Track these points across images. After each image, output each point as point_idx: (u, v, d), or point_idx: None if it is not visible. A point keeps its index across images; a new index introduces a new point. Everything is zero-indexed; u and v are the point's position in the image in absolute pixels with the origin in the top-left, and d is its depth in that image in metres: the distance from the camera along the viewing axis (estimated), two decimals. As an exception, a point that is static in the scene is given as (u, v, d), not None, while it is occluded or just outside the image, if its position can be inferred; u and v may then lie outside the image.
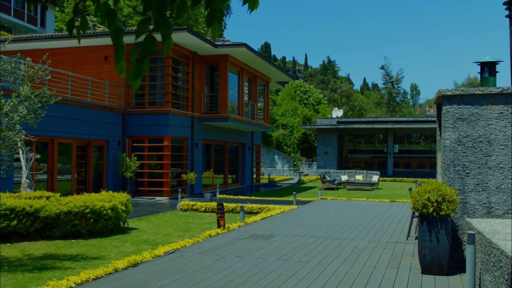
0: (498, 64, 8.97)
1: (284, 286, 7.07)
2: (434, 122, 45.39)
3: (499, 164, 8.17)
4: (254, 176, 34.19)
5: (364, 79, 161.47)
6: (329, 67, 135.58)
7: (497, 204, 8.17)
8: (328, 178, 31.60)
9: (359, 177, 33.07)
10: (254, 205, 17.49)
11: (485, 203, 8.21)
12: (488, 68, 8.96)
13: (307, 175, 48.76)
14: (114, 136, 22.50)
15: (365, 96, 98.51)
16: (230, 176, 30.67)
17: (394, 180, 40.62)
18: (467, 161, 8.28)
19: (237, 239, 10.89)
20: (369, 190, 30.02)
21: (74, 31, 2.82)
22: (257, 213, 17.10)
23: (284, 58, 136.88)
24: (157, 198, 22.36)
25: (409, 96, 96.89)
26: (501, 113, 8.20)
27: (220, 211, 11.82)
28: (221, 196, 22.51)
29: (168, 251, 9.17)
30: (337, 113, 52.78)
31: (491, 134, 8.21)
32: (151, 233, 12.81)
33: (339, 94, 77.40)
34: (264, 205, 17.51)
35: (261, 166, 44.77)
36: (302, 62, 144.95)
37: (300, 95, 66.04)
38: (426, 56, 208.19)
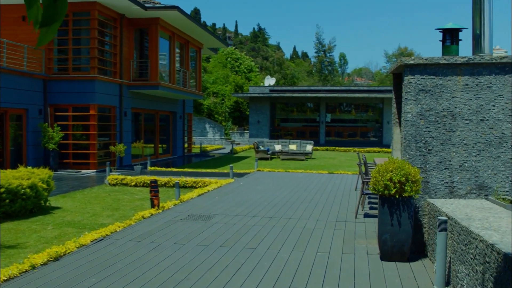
0: (461, 31, 8.25)
1: (233, 282, 6.15)
2: (366, 91, 45.56)
3: (463, 140, 7.51)
4: (186, 145, 32.99)
5: (294, 48, 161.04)
6: (259, 35, 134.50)
7: (460, 184, 7.53)
8: (261, 148, 30.88)
9: (292, 147, 32.58)
10: (188, 179, 16.45)
11: (447, 182, 7.56)
12: (451, 36, 8.23)
13: (239, 144, 48.02)
14: (34, 104, 20.67)
15: (296, 65, 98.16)
16: (161, 146, 29.35)
17: (327, 149, 40.53)
18: (430, 137, 7.57)
19: (174, 220, 9.85)
20: (303, 160, 29.59)
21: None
22: (192, 187, 16.08)
23: (214, 25, 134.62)
24: (83, 171, 20.87)
25: (337, 65, 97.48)
26: (467, 85, 7.50)
27: (154, 190, 10.72)
28: (152, 168, 21.29)
29: (96, 239, 8.01)
30: (270, 81, 52.07)
31: (456, 107, 7.52)
32: (77, 213, 11.57)
33: (271, 62, 76.63)
34: (199, 179, 16.51)
35: (193, 136, 43.57)
36: (232, 29, 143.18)
37: (232, 62, 64.74)
38: (356, 25, 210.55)
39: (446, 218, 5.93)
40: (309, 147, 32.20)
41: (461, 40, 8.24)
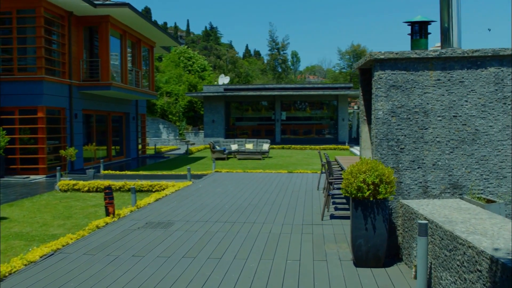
0: (430, 24, 7.94)
1: (200, 298, 5.62)
2: (321, 89, 45.54)
3: (436, 137, 7.19)
4: (140, 147, 32.11)
5: (247, 46, 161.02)
6: (211, 34, 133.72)
7: (434, 183, 7.21)
8: (218, 147, 30.33)
9: (249, 146, 32.17)
10: (144, 182, 15.77)
11: (421, 182, 7.22)
12: (419, 29, 7.90)
13: (193, 144, 47.29)
14: (-23, 107, 19.54)
15: (249, 63, 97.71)
16: (114, 148, 28.41)
17: (283, 148, 40.26)
18: (402, 135, 7.22)
19: (131, 229, 9.22)
20: (260, 159, 29.21)
21: None
22: (148, 191, 15.42)
23: (165, 24, 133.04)
24: (32, 177, 19.85)
25: (289, 63, 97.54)
26: (438, 80, 7.18)
27: (109, 197, 10.04)
28: (106, 172, 20.44)
29: (45, 254, 7.32)
30: (224, 80, 51.51)
31: (428, 103, 7.19)
32: (25, 223, 10.79)
33: (224, 61, 75.95)
34: (156, 182, 15.85)
35: (147, 137, 42.59)
36: (184, 28, 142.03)
37: (184, 61, 63.79)
38: (310, 23, 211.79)
39: (426, 221, 5.56)
40: (265, 146, 31.85)
41: (430, 33, 7.93)
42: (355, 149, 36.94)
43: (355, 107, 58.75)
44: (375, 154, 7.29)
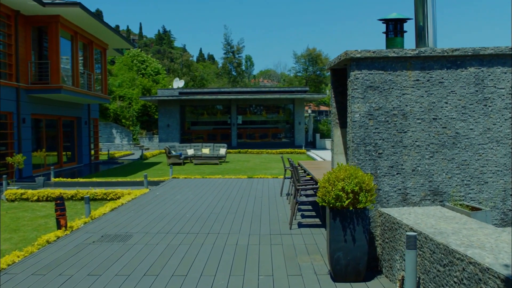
0: (406, 22, 7.53)
1: (167, 324, 5.00)
2: (277, 92, 45.21)
3: (415, 141, 6.77)
4: (93, 152, 30.98)
5: (201, 50, 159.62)
6: (164, 37, 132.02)
7: (414, 190, 6.79)
8: (174, 152, 29.54)
9: (206, 151, 31.51)
10: (98, 190, 14.93)
11: (400, 189, 6.79)
12: (394, 27, 7.49)
13: (148, 149, 46.22)
14: None
15: (204, 67, 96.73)
16: (65, 154, 27.24)
17: (239, 152, 39.74)
18: (380, 139, 6.77)
19: (85, 243, 8.48)
20: (217, 164, 28.59)
21: None
22: (102, 199, 14.60)
23: (117, 27, 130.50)
24: (-24, 185, 18.65)
25: (243, 67, 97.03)
26: (417, 80, 6.77)
27: (60, 208, 9.25)
28: (57, 179, 19.42)
29: (-12, 275, 6.55)
30: (178, 83, 50.62)
31: (406, 105, 6.77)
32: (-33, 238, 9.88)
33: (179, 64, 74.86)
34: (110, 190, 15.04)
35: (100, 142, 41.33)
36: (136, 31, 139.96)
37: (138, 64, 62.42)
38: (264, 28, 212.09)
39: (415, 233, 5.10)
40: (222, 151, 31.30)
41: (406, 31, 7.53)
42: (312, 153, 36.76)
43: (309, 111, 58.75)
44: (352, 160, 6.82)
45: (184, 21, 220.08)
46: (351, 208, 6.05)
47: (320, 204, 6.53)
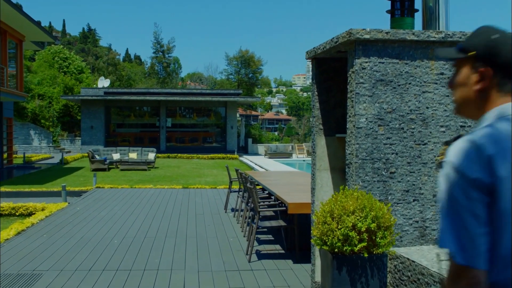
0: (417, -3, 5.77)
1: None
2: (209, 95, 43.14)
3: (438, 157, 4.98)
4: (6, 156, 27.78)
5: (127, 50, 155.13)
6: (89, 36, 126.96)
7: (435, 222, 4.99)
8: (98, 157, 26.91)
9: (133, 155, 29.07)
10: (4, 204, 12.43)
11: (417, 221, 4.98)
12: (402, 4, 5.69)
13: (69, 152, 42.93)
14: None
15: (130, 67, 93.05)
16: (-28, 158, 24.06)
17: (168, 157, 37.41)
18: (392, 153, 4.93)
19: (-26, 289, 6.17)
20: (145, 170, 26.25)
21: None
22: (9, 215, 12.12)
23: (39, 22, 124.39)
24: None
25: (171, 70, 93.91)
26: (442, 74, 5.00)
27: None
28: (-43, 188, 16.56)
29: None
30: (104, 83, 47.67)
31: (427, 108, 4.98)
32: None
33: (104, 63, 71.19)
34: (20, 203, 12.57)
35: (14, 144, 37.78)
36: (59, 28, 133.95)
37: (60, 62, 58.54)
38: (195, 28, 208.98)
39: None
40: (151, 155, 29.00)
41: (417, 10, 5.75)
42: (245, 159, 35.04)
43: (237, 115, 56.80)
44: (354, 181, 4.93)
45: (110, 21, 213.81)
46: (365, 255, 4.17)
47: (318, 247, 4.58)
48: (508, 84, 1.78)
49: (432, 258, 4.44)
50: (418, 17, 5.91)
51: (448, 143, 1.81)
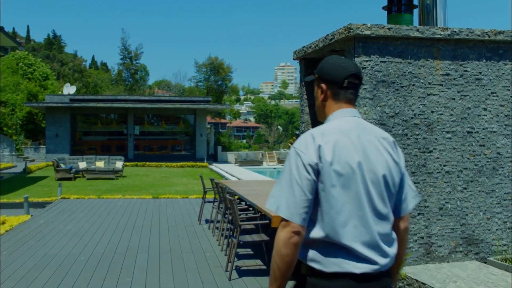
0: (415, -7, 5.32)
1: None
2: (178, 102, 42.47)
3: (444, 166, 4.53)
4: (-35, 165, 26.62)
5: (93, 57, 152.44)
6: (54, 42, 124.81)
7: (441, 238, 4.53)
8: (63, 166, 25.98)
9: (100, 164, 28.20)
10: (-38, 217, 11.58)
11: (422, 237, 4.50)
12: (398, 0, 5.24)
13: (33, 161, 41.61)
14: None
15: (97, 73, 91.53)
16: None
17: (136, 165, 36.52)
18: (395, 161, 4.46)
19: None
20: (113, 178, 25.45)
21: None
22: (-33, 229, 11.27)
23: (2, 28, 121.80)
24: None
25: (138, 76, 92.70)
26: (447, 75, 4.56)
27: None
28: None
29: None
30: (69, 89, 46.45)
31: (433, 112, 4.53)
32: None
33: (70, 69, 69.71)
34: (-21, 216, 11.74)
35: (-25, 152, 36.40)
36: (23, 34, 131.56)
37: (24, 68, 57.09)
38: (163, 35, 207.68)
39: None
40: (119, 164, 28.19)
41: (416, 6, 5.31)
42: (215, 167, 34.45)
43: (206, 123, 56.09)
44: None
45: (76, 28, 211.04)
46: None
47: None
48: (340, 94, 2.42)
49: (444, 280, 3.97)
50: (414, 14, 5.48)
51: (298, 135, 2.23)
